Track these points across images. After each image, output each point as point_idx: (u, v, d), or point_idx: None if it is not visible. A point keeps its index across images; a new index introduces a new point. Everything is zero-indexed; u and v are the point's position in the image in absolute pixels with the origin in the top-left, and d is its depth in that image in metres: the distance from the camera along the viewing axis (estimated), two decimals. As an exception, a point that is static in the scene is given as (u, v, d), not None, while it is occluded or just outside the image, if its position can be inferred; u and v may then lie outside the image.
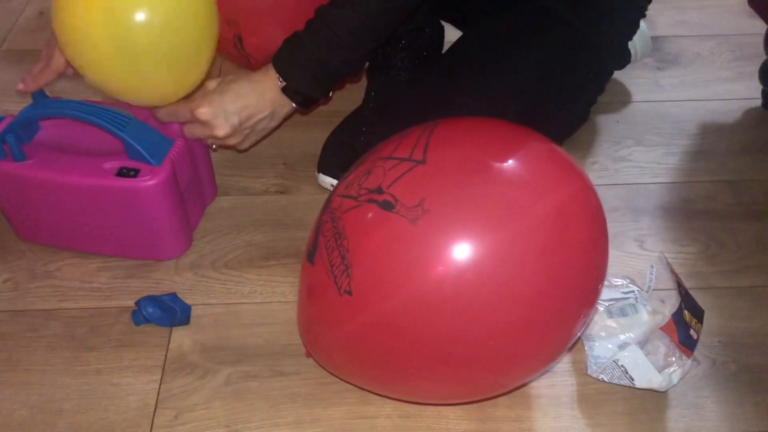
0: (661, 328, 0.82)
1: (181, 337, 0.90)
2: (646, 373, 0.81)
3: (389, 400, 0.83)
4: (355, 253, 0.70)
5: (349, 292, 0.70)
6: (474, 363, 0.70)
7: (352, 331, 0.72)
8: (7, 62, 1.35)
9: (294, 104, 0.94)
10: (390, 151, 0.75)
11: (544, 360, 0.75)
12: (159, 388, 0.85)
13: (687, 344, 0.82)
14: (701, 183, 1.11)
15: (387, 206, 0.69)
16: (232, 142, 0.95)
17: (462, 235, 0.67)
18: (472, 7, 1.12)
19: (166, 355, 0.88)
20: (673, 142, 1.18)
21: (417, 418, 0.82)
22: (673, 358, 0.82)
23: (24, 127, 0.93)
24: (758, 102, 1.24)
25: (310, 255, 0.76)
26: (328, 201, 0.77)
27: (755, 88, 1.24)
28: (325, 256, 0.73)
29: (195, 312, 0.92)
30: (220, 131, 0.92)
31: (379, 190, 0.71)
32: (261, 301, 0.94)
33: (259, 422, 0.82)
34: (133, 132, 0.90)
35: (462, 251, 0.66)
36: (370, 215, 0.70)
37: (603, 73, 1.09)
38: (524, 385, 0.84)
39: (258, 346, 0.89)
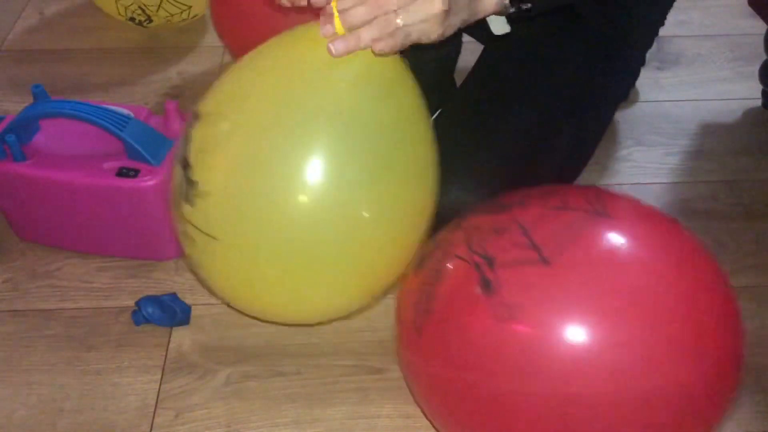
0: (662, 329, 0.82)
1: (181, 337, 0.90)
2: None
3: (389, 400, 0.83)
4: (438, 306, 0.67)
5: (419, 332, 0.69)
6: None
7: (417, 368, 0.72)
8: (7, 62, 1.35)
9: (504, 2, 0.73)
10: (530, 219, 0.66)
11: None
12: (159, 388, 0.85)
13: (687, 344, 0.81)
14: (701, 183, 1.11)
15: (485, 287, 0.64)
16: (439, 7, 0.66)
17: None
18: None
19: (166, 355, 0.88)
20: (673, 142, 1.18)
21: (417, 418, 0.82)
22: (674, 359, 0.82)
23: (24, 127, 0.93)
24: (758, 102, 1.24)
25: (419, 263, 0.73)
26: (459, 223, 0.72)
27: (755, 88, 1.24)
28: (420, 281, 0.70)
29: (195, 312, 0.92)
30: None
31: (491, 263, 0.65)
32: (261, 301, 0.94)
33: (259, 422, 0.82)
34: (133, 132, 0.90)
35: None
36: (465, 285, 0.65)
37: (626, 87, 1.08)
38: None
39: (258, 346, 0.89)
